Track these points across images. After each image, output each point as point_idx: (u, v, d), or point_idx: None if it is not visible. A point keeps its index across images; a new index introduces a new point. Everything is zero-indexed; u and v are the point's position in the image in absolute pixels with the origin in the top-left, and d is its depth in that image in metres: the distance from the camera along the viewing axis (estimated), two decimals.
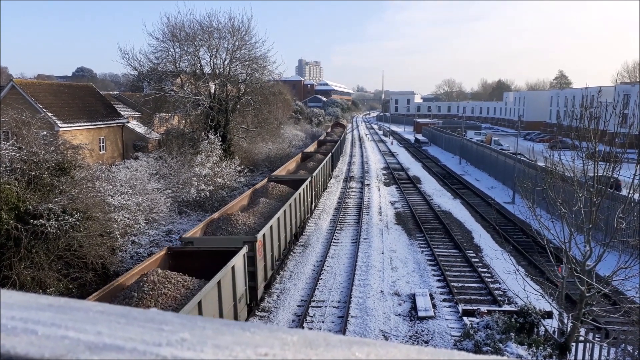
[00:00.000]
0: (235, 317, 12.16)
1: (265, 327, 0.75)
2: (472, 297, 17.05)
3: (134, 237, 21.10)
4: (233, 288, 12.14)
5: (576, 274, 10.71)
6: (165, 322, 0.74)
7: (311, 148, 47.28)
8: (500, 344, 11.76)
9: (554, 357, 11.40)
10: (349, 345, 0.70)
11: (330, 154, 39.46)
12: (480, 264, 20.38)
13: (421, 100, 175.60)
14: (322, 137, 60.00)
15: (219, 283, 10.95)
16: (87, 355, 0.61)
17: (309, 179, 26.10)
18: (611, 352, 12.06)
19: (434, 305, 16.29)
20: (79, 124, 33.45)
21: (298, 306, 16.43)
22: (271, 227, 17.05)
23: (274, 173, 29.50)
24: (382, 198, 34.38)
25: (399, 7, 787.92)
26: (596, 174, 11.18)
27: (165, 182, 27.31)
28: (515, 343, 11.79)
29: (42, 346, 0.63)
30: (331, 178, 40.76)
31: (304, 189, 23.80)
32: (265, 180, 26.11)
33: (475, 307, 15.04)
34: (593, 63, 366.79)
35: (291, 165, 35.28)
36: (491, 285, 17.91)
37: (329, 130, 79.04)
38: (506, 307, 15.01)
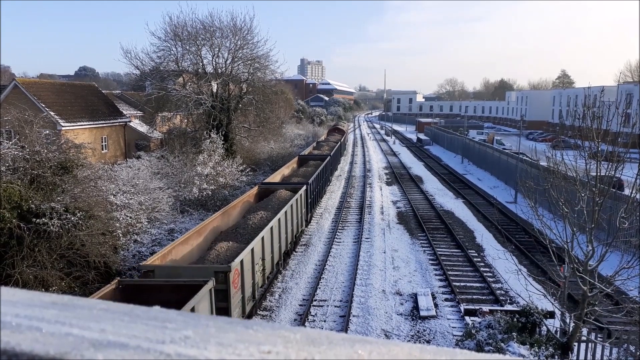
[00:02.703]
0: None
1: (268, 325, 0.76)
2: (474, 297, 17.03)
3: (136, 236, 21.14)
4: None
5: (578, 273, 10.69)
6: (169, 320, 0.75)
7: (285, 170, 31.42)
8: (502, 344, 11.75)
9: (556, 357, 11.38)
10: (352, 343, 0.70)
11: (305, 186, 23.90)
12: (482, 264, 20.36)
13: (423, 100, 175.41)
14: (306, 152, 41.60)
15: None
16: (91, 353, 0.62)
17: (207, 290, 10.81)
18: (613, 352, 12.04)
19: (435, 305, 16.29)
20: (82, 123, 33.52)
21: (300, 305, 16.44)
22: None
23: (153, 257, 12.92)
24: (384, 197, 34.36)
25: (397, 9, 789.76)
26: (599, 174, 11.15)
27: (168, 181, 27.34)
28: (517, 343, 11.78)
29: (46, 343, 0.64)
30: (305, 226, 24.42)
31: None
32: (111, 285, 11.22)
33: (477, 307, 15.04)
34: (596, 63, 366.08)
35: (234, 209, 19.80)
36: (493, 285, 17.90)
37: (322, 138, 57.97)
38: (508, 307, 15.00)
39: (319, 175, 29.27)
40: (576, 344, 11.70)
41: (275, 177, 28.29)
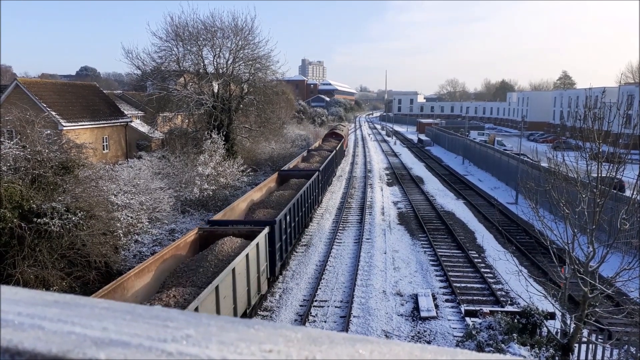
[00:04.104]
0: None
1: (269, 324, 0.76)
2: (475, 298, 17.02)
3: (137, 236, 21.15)
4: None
5: (579, 275, 10.68)
6: (170, 318, 0.75)
7: (256, 194, 22.62)
8: (503, 345, 11.74)
9: (557, 358, 11.37)
10: (353, 342, 0.71)
11: (268, 227, 16.02)
12: (482, 265, 20.34)
13: (424, 100, 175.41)
14: (291, 165, 32.20)
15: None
16: (93, 351, 0.62)
17: None
18: (614, 353, 12.03)
19: (436, 306, 16.28)
20: (83, 123, 33.54)
21: (300, 306, 16.44)
22: None
23: None
24: (384, 198, 34.35)
25: (399, 8, 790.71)
26: (600, 175, 11.14)
27: (168, 181, 27.36)
28: (518, 344, 11.77)
29: (49, 341, 0.64)
30: (268, 288, 16.63)
31: None
32: None
33: (477, 308, 15.02)
34: (597, 63, 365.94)
35: (141, 278, 11.69)
36: (494, 286, 17.88)
37: (315, 145, 47.87)
38: (509, 308, 14.99)
39: (298, 205, 20.30)
40: (577, 345, 11.69)
41: (239, 206, 19.61)
